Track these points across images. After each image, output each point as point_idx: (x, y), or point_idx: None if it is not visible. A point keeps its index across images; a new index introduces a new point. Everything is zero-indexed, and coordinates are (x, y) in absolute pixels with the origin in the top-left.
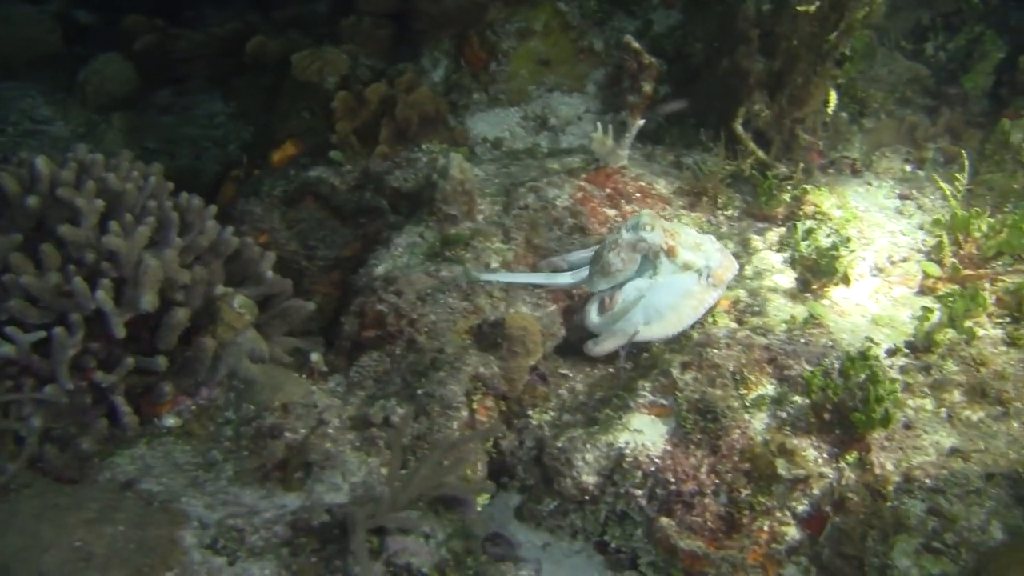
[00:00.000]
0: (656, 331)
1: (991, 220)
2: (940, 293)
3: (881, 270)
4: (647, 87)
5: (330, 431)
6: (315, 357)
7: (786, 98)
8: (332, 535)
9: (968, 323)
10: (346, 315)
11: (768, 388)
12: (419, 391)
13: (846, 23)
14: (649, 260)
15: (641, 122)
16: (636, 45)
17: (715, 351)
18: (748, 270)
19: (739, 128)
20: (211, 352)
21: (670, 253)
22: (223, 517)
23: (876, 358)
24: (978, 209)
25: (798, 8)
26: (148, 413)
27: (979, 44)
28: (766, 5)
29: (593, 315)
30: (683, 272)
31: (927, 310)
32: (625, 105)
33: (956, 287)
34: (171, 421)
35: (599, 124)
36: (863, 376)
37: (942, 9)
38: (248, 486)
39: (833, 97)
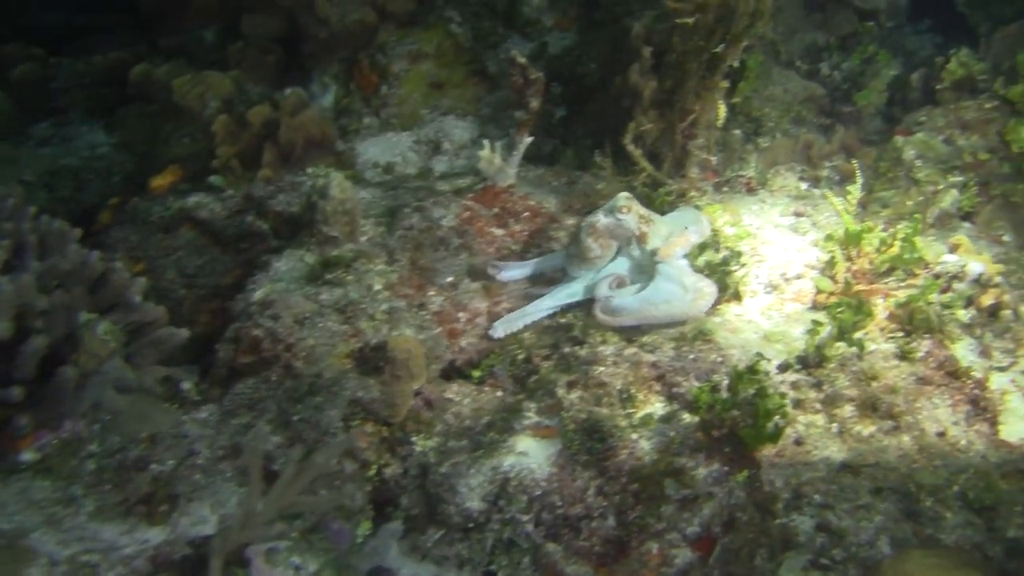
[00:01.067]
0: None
1: (883, 234)
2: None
3: (775, 287)
4: (534, 103)
5: (200, 462)
6: (187, 386)
7: (677, 114)
8: (194, 569)
9: (858, 335)
10: (221, 342)
11: (657, 406)
12: (295, 418)
13: (731, 34)
14: (623, 245)
15: (529, 139)
16: (521, 60)
17: (602, 369)
18: None
19: (630, 145)
20: (73, 382)
21: (641, 239)
22: (76, 553)
23: (764, 373)
24: (870, 224)
25: (677, 21)
26: (5, 448)
27: (872, 64)
28: (655, 22)
29: (604, 291)
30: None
31: (817, 324)
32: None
33: (844, 298)
34: (29, 456)
35: (486, 142)
36: (752, 391)
37: (839, 31)
38: (109, 521)
39: (723, 111)
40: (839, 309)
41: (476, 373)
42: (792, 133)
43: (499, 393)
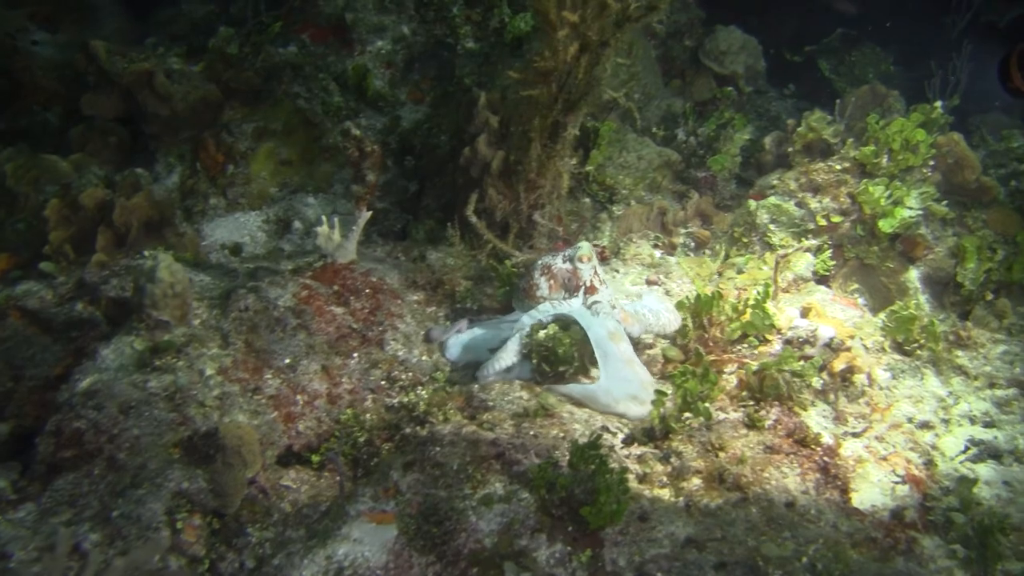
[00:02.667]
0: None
1: (733, 302)
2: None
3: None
4: (371, 176)
5: (12, 565)
6: (1, 484)
7: (522, 184)
8: None
9: (705, 405)
10: (41, 436)
11: (497, 486)
12: (115, 513)
13: (569, 102)
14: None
15: (368, 213)
16: (357, 132)
17: (439, 449)
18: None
19: (472, 216)
20: None
21: (589, 291)
22: None
23: (608, 448)
24: (721, 291)
25: (522, 93)
26: None
27: (728, 129)
28: (502, 93)
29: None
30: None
31: (661, 394)
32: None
33: (687, 367)
34: None
35: (324, 218)
36: (592, 468)
37: (698, 97)
38: None
39: (566, 180)
40: (683, 378)
41: (315, 458)
42: (646, 200)
43: (339, 478)
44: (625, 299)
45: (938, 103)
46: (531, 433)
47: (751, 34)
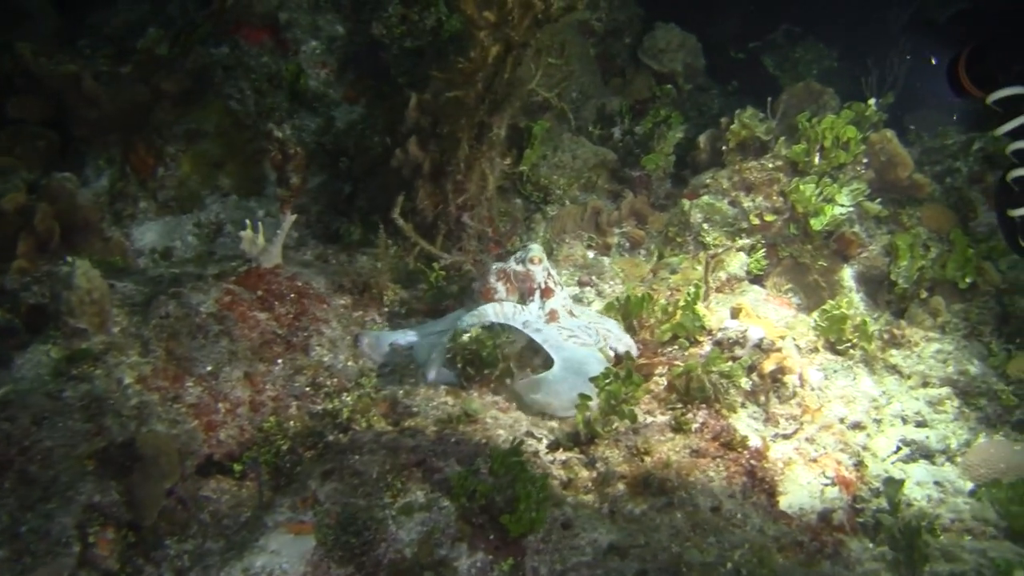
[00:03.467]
0: None
1: (663, 303)
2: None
3: None
4: (295, 179)
5: None
6: None
7: (450, 185)
8: None
9: (629, 407)
10: None
11: (418, 494)
12: (24, 528)
13: (493, 102)
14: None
15: (293, 216)
16: (279, 133)
17: (358, 457)
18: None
19: (398, 219)
20: None
21: (545, 294)
22: None
23: (533, 453)
24: (650, 292)
25: (448, 95)
26: None
27: (663, 127)
28: (431, 94)
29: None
30: (546, 321)
31: (584, 398)
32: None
33: (611, 370)
34: None
35: (248, 222)
36: (512, 474)
37: (638, 96)
38: None
39: (492, 181)
40: (606, 381)
41: (237, 467)
42: (581, 200)
43: (266, 488)
44: (580, 310)
45: (871, 100)
46: (453, 440)
47: (694, 31)
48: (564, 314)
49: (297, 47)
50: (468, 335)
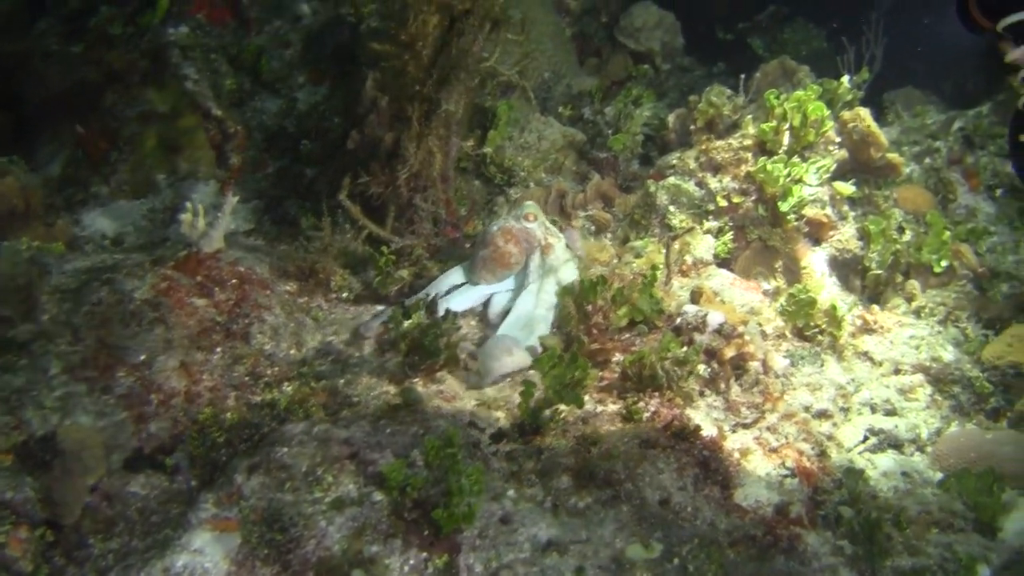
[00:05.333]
0: None
1: (618, 287)
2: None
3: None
4: (235, 159)
5: None
6: None
7: (400, 165)
8: None
9: (576, 392)
10: None
11: (350, 487)
12: None
13: (440, 76)
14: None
15: (234, 199)
16: (217, 112)
17: (286, 450)
18: (356, 356)
19: (346, 201)
20: None
21: (545, 251)
22: None
23: (464, 445)
24: (604, 276)
25: (383, 65)
26: None
27: (634, 106)
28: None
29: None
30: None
31: (529, 385)
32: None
33: (553, 352)
34: None
35: (188, 204)
36: (446, 465)
37: (614, 76)
38: None
39: (439, 160)
40: (550, 366)
41: (169, 461)
42: (546, 183)
43: (195, 483)
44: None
45: (844, 77)
46: (388, 431)
47: (681, 12)
48: (562, 267)
49: (260, 27)
50: (410, 321)
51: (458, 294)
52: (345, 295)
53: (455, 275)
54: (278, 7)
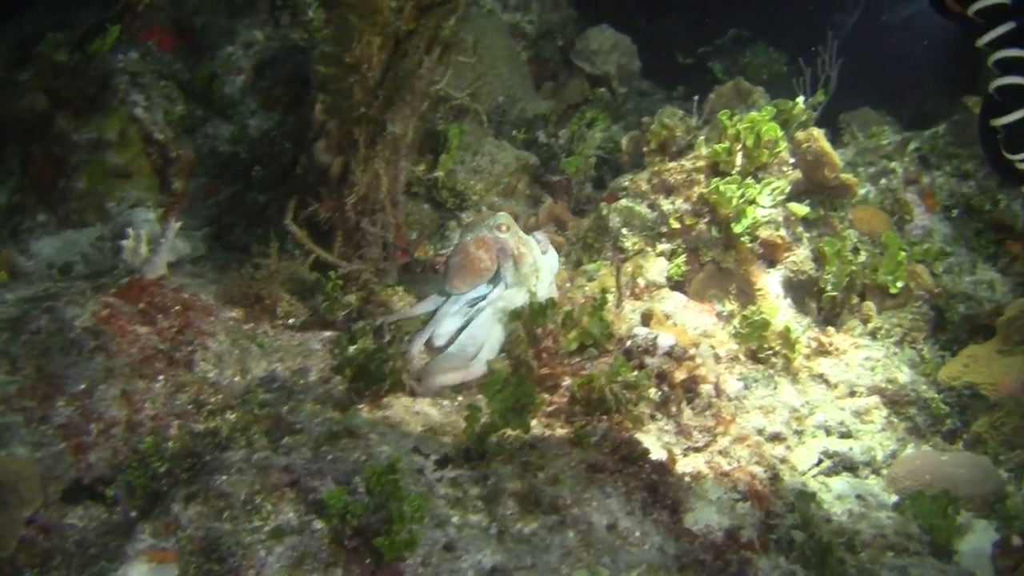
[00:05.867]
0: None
1: (568, 310)
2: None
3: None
4: (178, 184)
5: None
6: None
7: (347, 189)
8: None
9: (523, 417)
10: None
11: (290, 515)
12: None
13: (386, 97)
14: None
15: (177, 224)
16: (160, 136)
17: (225, 478)
18: (301, 382)
19: (292, 225)
20: None
21: (518, 260)
22: None
23: (408, 471)
24: (554, 299)
25: (329, 88)
26: None
27: (587, 128)
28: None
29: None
30: (518, 288)
31: (474, 410)
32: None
33: (499, 377)
34: None
35: (130, 231)
36: (389, 492)
37: (571, 100)
38: None
39: (386, 183)
40: (495, 390)
41: (108, 492)
42: (498, 206)
43: (134, 513)
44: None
45: (799, 98)
46: (330, 457)
47: (641, 36)
48: (531, 275)
49: (213, 53)
50: (355, 347)
51: (441, 317)
52: (292, 321)
53: (430, 303)
54: (231, 33)
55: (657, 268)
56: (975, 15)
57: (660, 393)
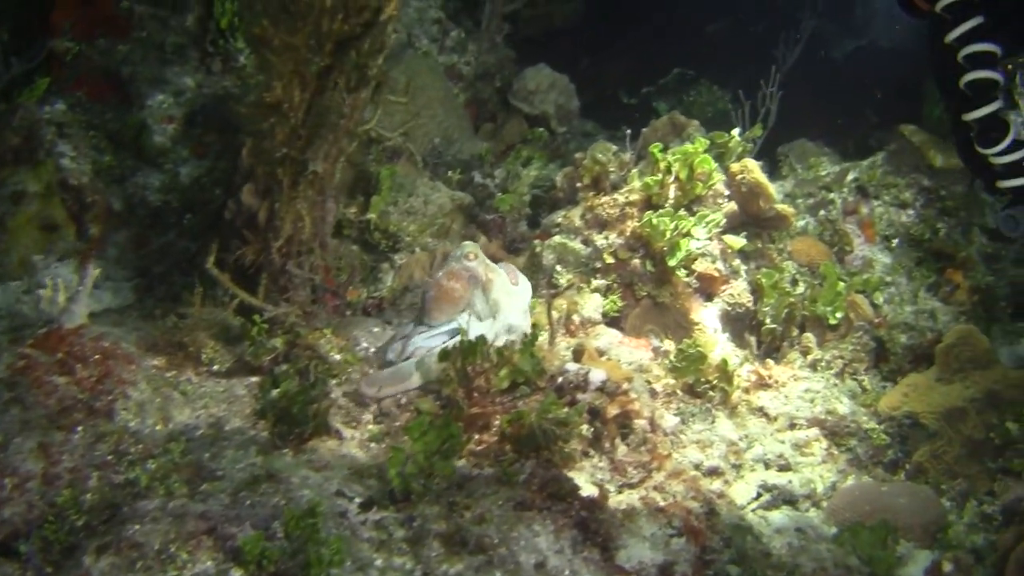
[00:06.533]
0: None
1: (499, 348)
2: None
3: (386, 415)
4: (94, 230)
5: None
6: None
7: (271, 231)
8: None
9: (447, 460)
10: None
11: (207, 564)
12: None
13: (308, 133)
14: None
15: (95, 271)
16: (74, 180)
17: (138, 527)
18: (226, 428)
19: (213, 269)
20: None
21: (485, 288)
22: None
23: (340, 515)
24: (485, 337)
25: (249, 129)
26: None
27: (522, 167)
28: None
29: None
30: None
31: (397, 451)
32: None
33: (424, 419)
34: None
35: (48, 280)
36: (306, 537)
37: (509, 141)
38: None
39: (309, 224)
40: (420, 431)
41: (23, 547)
42: (431, 247)
43: (49, 569)
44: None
45: (735, 130)
46: (248, 503)
47: (585, 77)
48: (504, 299)
49: (143, 102)
50: (278, 390)
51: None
52: (216, 367)
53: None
54: (162, 81)
55: (592, 304)
56: (943, 11)
57: (593, 429)
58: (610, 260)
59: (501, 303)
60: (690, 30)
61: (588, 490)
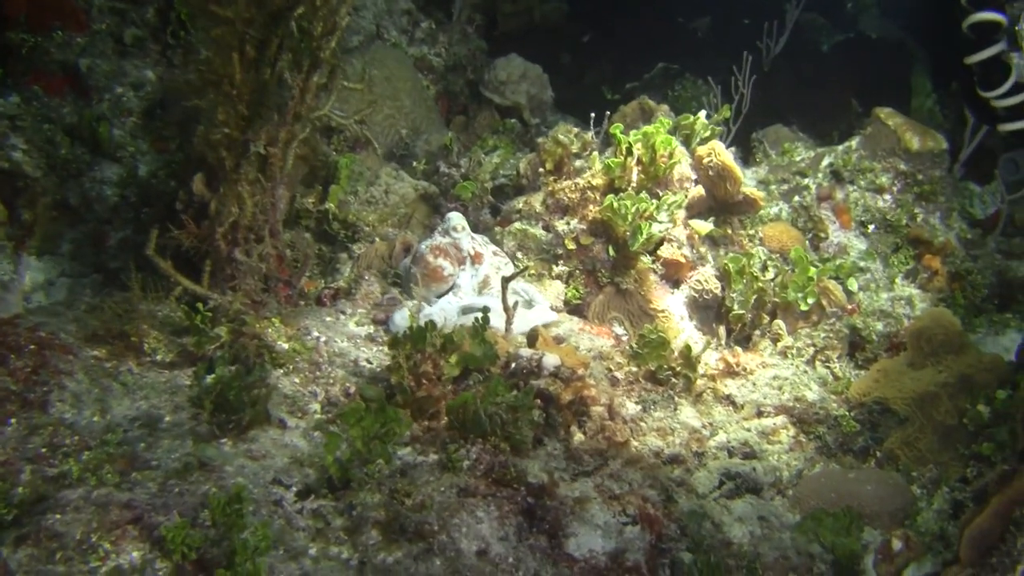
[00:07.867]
0: None
1: (448, 333)
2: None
3: (334, 404)
4: (27, 215)
5: None
6: None
7: (215, 217)
8: None
9: (384, 445)
10: None
11: (133, 554)
12: None
13: (250, 116)
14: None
15: (30, 257)
16: (5, 164)
17: (59, 517)
18: (165, 420)
19: (155, 256)
20: None
21: (475, 260)
22: None
23: (274, 503)
24: (434, 322)
25: (186, 104)
26: None
27: (490, 155)
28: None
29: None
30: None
31: (333, 437)
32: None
33: (358, 405)
34: None
35: None
36: (232, 524)
37: (481, 132)
38: None
39: (250, 208)
40: (356, 417)
41: None
42: (391, 236)
43: None
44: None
45: (702, 112)
46: (177, 491)
47: (567, 72)
48: (494, 275)
49: (100, 95)
50: (213, 376)
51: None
52: (160, 358)
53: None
54: (120, 74)
55: (553, 291)
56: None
57: (546, 416)
58: (571, 246)
59: (491, 282)
60: (675, 25)
61: (537, 477)
